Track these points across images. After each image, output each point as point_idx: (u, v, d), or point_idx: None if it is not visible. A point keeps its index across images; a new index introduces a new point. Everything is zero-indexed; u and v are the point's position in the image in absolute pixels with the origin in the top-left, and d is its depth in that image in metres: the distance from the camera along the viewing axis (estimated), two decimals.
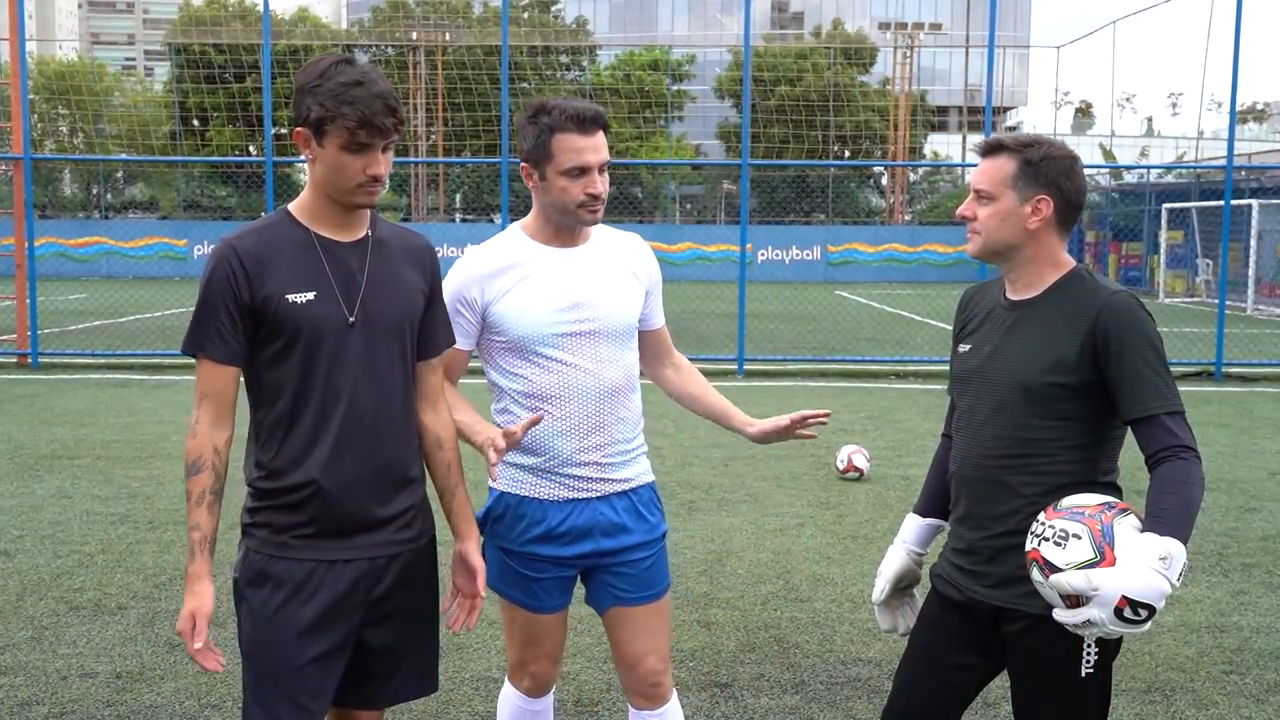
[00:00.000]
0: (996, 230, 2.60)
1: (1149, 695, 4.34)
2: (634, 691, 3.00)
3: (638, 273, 3.00)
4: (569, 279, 2.86)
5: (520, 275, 2.85)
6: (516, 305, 2.82)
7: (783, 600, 5.40)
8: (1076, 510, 2.37)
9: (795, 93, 43.44)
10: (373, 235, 2.55)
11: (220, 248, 2.43)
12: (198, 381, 2.45)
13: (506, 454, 2.73)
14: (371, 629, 2.55)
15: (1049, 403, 2.53)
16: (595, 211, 2.84)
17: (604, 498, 2.90)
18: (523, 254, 2.88)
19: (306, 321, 2.42)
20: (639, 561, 2.94)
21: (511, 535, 2.89)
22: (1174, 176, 34.28)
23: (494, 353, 2.91)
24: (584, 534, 2.88)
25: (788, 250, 36.71)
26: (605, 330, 2.88)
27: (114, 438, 9.13)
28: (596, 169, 2.81)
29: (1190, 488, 2.36)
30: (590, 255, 2.93)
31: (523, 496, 2.88)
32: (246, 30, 41.91)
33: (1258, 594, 5.52)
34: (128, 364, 13.88)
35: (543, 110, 2.81)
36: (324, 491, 2.44)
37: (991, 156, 2.62)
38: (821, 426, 3.03)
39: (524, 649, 2.98)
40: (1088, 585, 2.24)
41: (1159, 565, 2.23)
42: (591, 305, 2.86)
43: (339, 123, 2.34)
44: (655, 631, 2.96)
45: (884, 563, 2.95)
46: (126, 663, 4.50)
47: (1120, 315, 2.48)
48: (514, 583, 2.92)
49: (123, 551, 5.99)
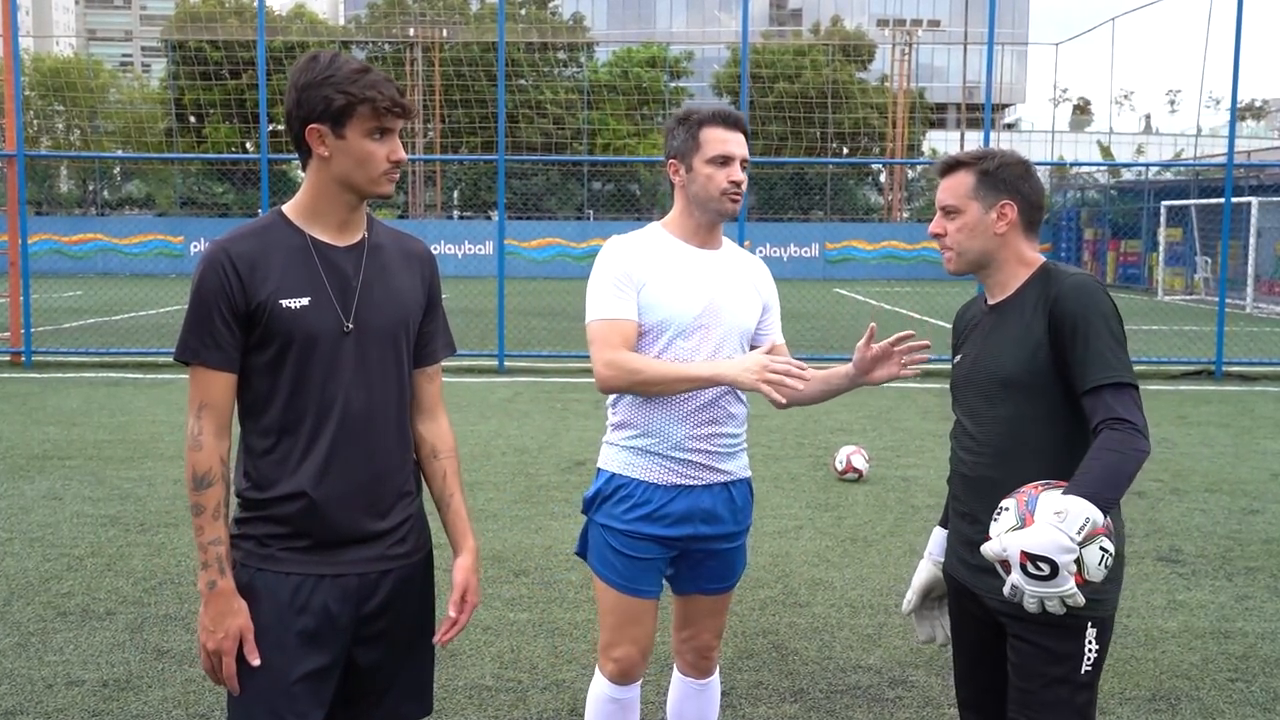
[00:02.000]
0: (968, 241, 2.73)
1: (1154, 704, 4.27)
2: (685, 660, 3.30)
3: (759, 288, 3.22)
4: (705, 276, 3.07)
5: (664, 265, 3.05)
6: (660, 291, 3.02)
7: (781, 605, 5.33)
8: (1019, 490, 2.49)
9: (793, 90, 43.39)
10: (369, 239, 2.47)
11: (212, 250, 2.34)
12: (194, 390, 2.36)
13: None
14: (361, 647, 2.46)
15: (1027, 393, 2.63)
16: (736, 200, 3.05)
17: (707, 487, 3.08)
18: (666, 247, 3.10)
19: (300, 328, 2.34)
20: (726, 553, 3.16)
21: (617, 513, 3.07)
22: (1172, 174, 34.23)
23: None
24: (684, 518, 3.06)
25: (786, 247, 36.66)
26: (728, 328, 3.08)
27: (106, 437, 9.05)
28: (738, 161, 3.04)
29: (1117, 456, 2.40)
30: (723, 260, 3.15)
31: (632, 479, 3.06)
32: (243, 26, 41.79)
33: (1263, 598, 5.44)
34: (122, 362, 13.80)
35: (692, 111, 3.09)
36: (314, 503, 2.36)
37: (950, 174, 2.77)
38: (919, 361, 3.06)
39: (614, 631, 3.12)
40: (1000, 549, 2.37)
41: (1054, 519, 2.32)
42: (720, 304, 3.07)
43: (365, 108, 2.30)
44: (719, 613, 3.27)
45: (914, 575, 3.05)
46: (114, 670, 4.42)
47: (1076, 295, 2.56)
48: (613, 563, 3.08)
49: (113, 555, 5.91)
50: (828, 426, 10.04)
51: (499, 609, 5.18)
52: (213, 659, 2.34)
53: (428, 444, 2.59)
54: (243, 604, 2.34)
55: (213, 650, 2.33)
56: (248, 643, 2.33)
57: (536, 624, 5.02)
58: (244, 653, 2.34)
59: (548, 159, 31.56)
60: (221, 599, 2.33)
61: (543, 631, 4.94)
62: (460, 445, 2.72)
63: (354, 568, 2.41)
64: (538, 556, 5.99)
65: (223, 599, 2.33)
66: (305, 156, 2.39)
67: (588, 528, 3.17)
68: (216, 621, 2.32)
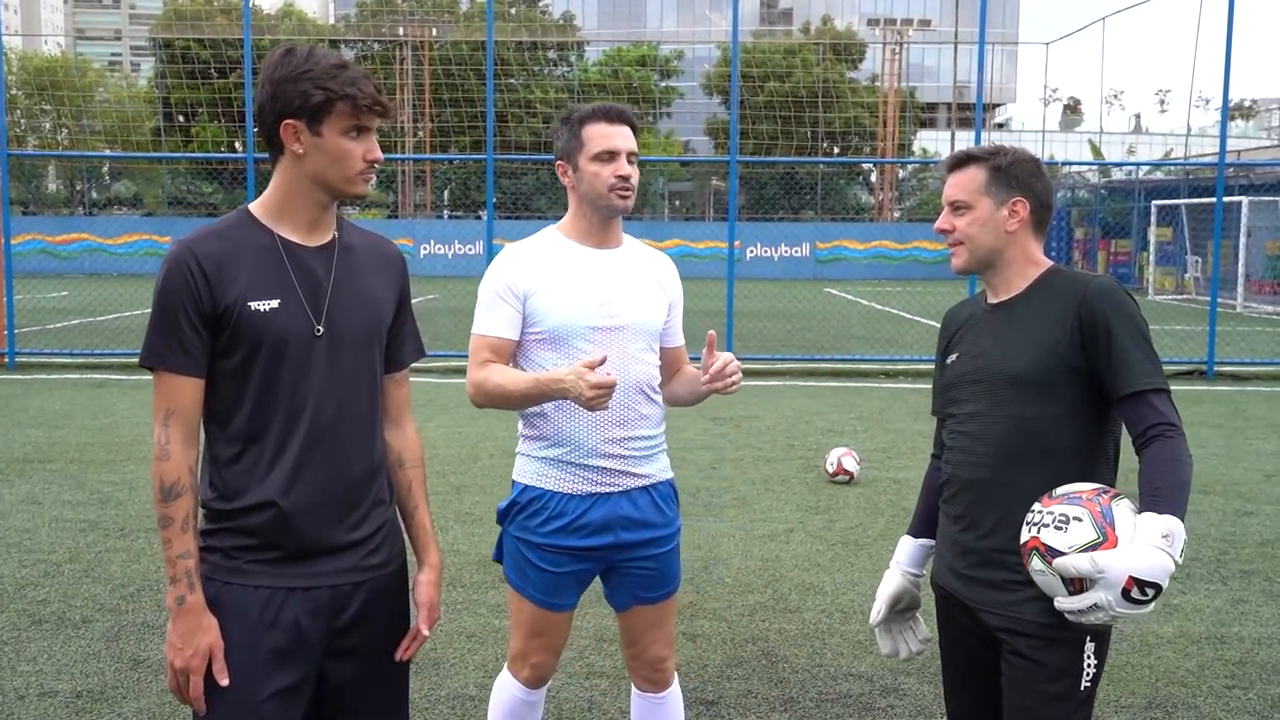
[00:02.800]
0: (978, 237, 2.65)
1: (1149, 711, 4.19)
2: (639, 675, 3.21)
3: (664, 285, 3.15)
4: (603, 277, 3.01)
5: (558, 270, 2.98)
6: (554, 298, 2.95)
7: (771, 611, 5.24)
8: (1073, 495, 2.37)
9: (784, 89, 43.34)
10: (340, 240, 2.38)
11: (176, 251, 2.25)
12: (160, 397, 2.25)
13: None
14: (334, 662, 2.36)
15: (1043, 390, 2.53)
16: (626, 196, 2.99)
17: (625, 492, 3.01)
18: (560, 252, 3.03)
19: (269, 331, 2.24)
20: (658, 558, 3.07)
21: (533, 526, 3.00)
22: (1163, 174, 34.26)
23: (529, 348, 3.01)
24: (604, 527, 2.98)
25: (776, 247, 36.61)
26: (633, 328, 3.01)
27: (89, 440, 8.93)
28: (625, 155, 2.98)
29: (1183, 466, 2.37)
30: (622, 259, 3.08)
31: (546, 490, 2.99)
32: (231, 25, 41.62)
33: (1258, 602, 5.38)
34: (107, 364, 13.68)
35: (575, 110, 3.05)
36: (284, 513, 2.26)
37: (961, 169, 2.68)
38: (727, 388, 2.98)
39: (529, 640, 3.08)
40: (1093, 567, 2.24)
41: (1163, 543, 2.23)
42: (622, 303, 3.00)
43: (344, 104, 2.23)
44: (665, 622, 3.16)
45: (881, 585, 2.94)
46: (88, 680, 4.32)
47: (1105, 298, 2.49)
48: (529, 576, 3.02)
49: (91, 560, 5.80)
50: (818, 428, 9.96)
51: (484, 615, 5.09)
52: (180, 677, 2.24)
53: (394, 452, 2.50)
54: (213, 620, 2.25)
55: (180, 668, 2.23)
56: (217, 661, 2.24)
57: None
58: (212, 671, 2.25)
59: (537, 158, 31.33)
60: (191, 615, 2.23)
61: None
62: (448, 448, 2.64)
63: (326, 580, 2.32)
64: None
65: (192, 615, 2.23)
66: (276, 153, 2.30)
67: (502, 538, 3.11)
68: (185, 639, 2.23)
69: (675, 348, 3.22)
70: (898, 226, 40.18)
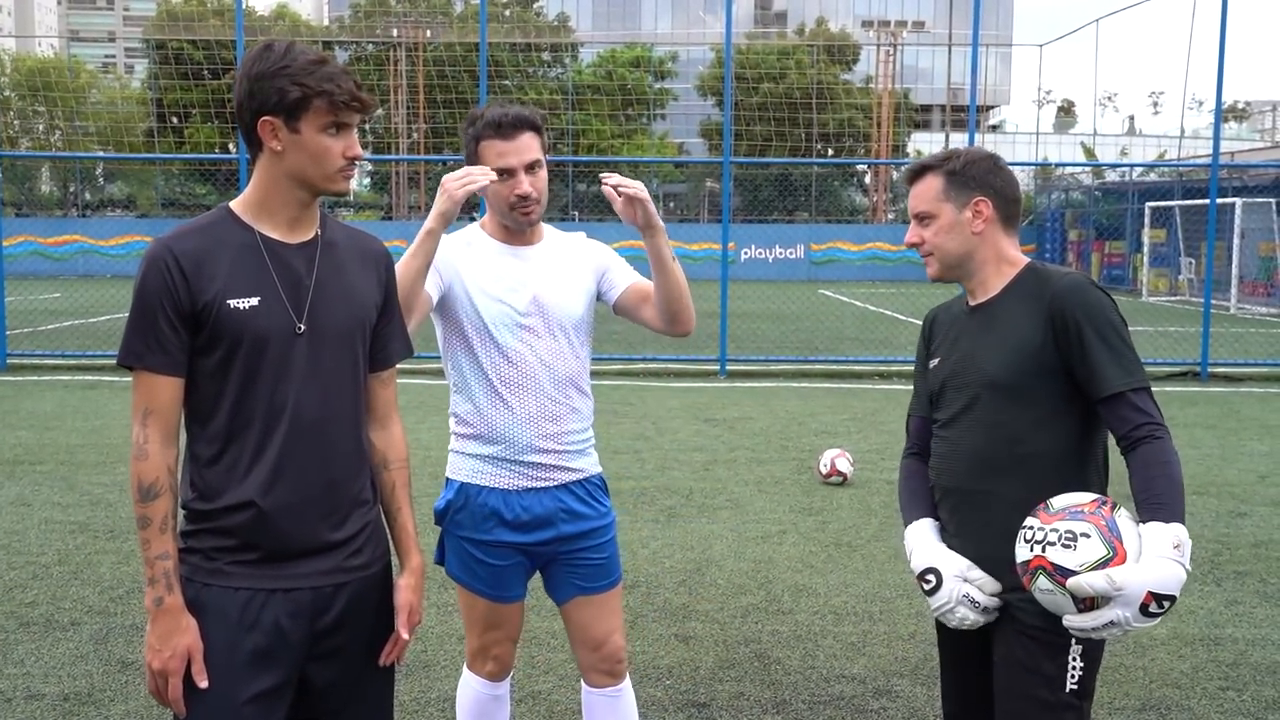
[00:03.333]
0: (946, 244, 2.61)
1: (1144, 713, 4.17)
2: (597, 670, 3.14)
3: (584, 265, 3.11)
4: (524, 274, 2.99)
5: (480, 265, 2.98)
6: (477, 292, 2.95)
7: (764, 612, 5.22)
8: (1074, 509, 2.30)
9: (778, 91, 43.36)
10: (322, 237, 2.35)
11: (155, 249, 2.22)
12: (138, 396, 2.23)
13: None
14: (316, 665, 2.33)
15: (1020, 394, 2.49)
16: (528, 212, 2.94)
17: (562, 485, 3.01)
18: (482, 247, 3.03)
19: (249, 329, 2.22)
20: (599, 547, 3.06)
21: (473, 525, 2.98)
22: (1156, 175, 34.29)
23: (454, 345, 3.01)
24: (545, 521, 2.99)
25: (771, 249, 36.60)
26: (559, 323, 3.00)
27: (80, 442, 8.89)
28: (522, 169, 2.91)
29: (1174, 467, 2.34)
30: (543, 253, 3.06)
31: (482, 486, 2.98)
32: (224, 26, 41.56)
33: (1252, 604, 5.36)
34: (99, 365, 13.61)
35: (471, 121, 2.97)
36: (264, 513, 2.23)
37: (918, 180, 2.66)
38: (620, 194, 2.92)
39: (485, 634, 3.09)
40: (1110, 585, 2.18)
41: (1175, 554, 2.20)
42: (545, 299, 2.98)
43: (322, 101, 2.20)
44: (616, 612, 3.13)
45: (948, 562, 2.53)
46: (76, 683, 4.29)
47: (1073, 296, 2.46)
48: (476, 572, 3.01)
49: (80, 563, 5.77)
50: (812, 429, 9.94)
51: None
52: (159, 679, 2.21)
53: (379, 453, 2.47)
54: (192, 622, 2.22)
55: (159, 670, 2.20)
56: (196, 663, 2.21)
57: None
58: (191, 673, 2.22)
59: None
60: (169, 616, 2.20)
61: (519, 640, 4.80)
62: (440, 449, 2.63)
63: (307, 581, 2.29)
64: None
65: (170, 616, 2.20)
66: (255, 150, 2.27)
67: (444, 538, 3.07)
68: (164, 640, 2.20)
69: (631, 285, 3.12)
70: (892, 228, 40.18)
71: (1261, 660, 4.68)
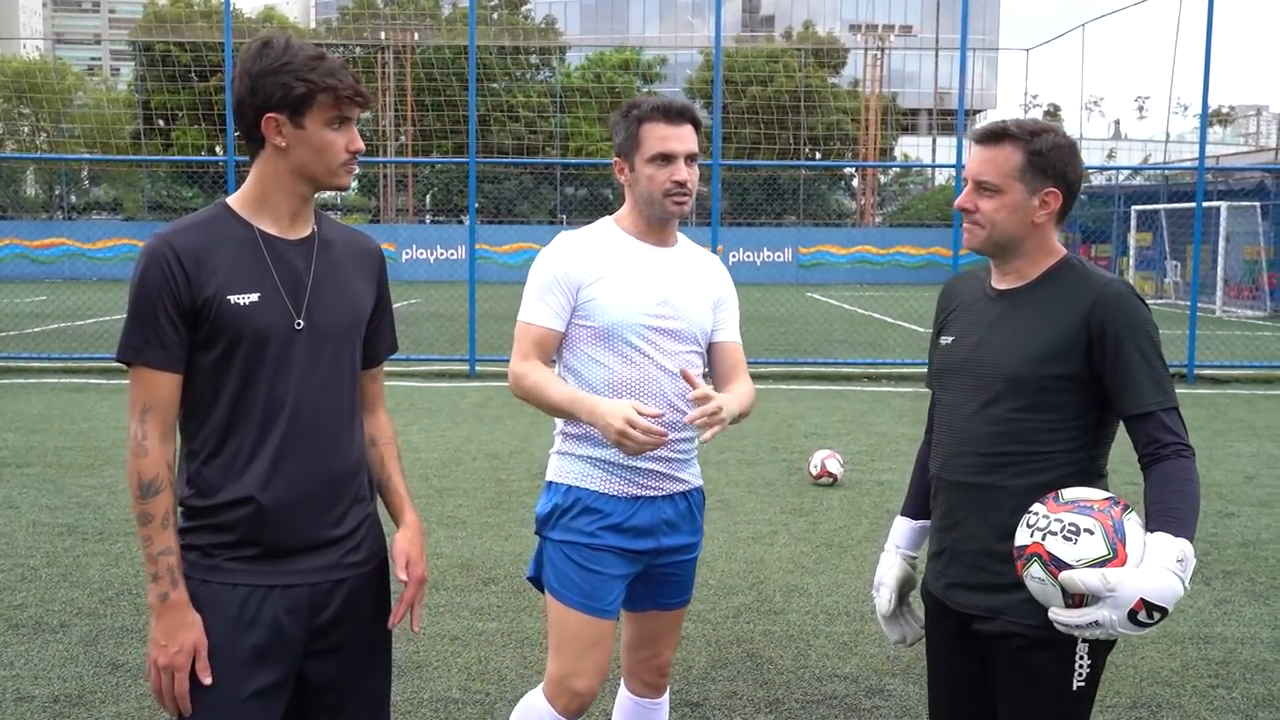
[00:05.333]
0: (1003, 223, 2.46)
1: (1135, 711, 4.19)
2: (642, 679, 3.13)
3: (713, 283, 3.05)
4: (659, 275, 2.91)
5: (614, 264, 2.89)
6: (610, 292, 2.85)
7: (756, 613, 5.23)
8: (1084, 504, 2.26)
9: (766, 94, 43.38)
10: (319, 234, 2.36)
11: (154, 244, 2.21)
12: (136, 392, 2.22)
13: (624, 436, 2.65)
14: (314, 661, 2.33)
15: (1040, 395, 2.41)
16: (681, 202, 2.86)
17: (668, 497, 2.94)
18: (617, 245, 2.94)
19: (249, 325, 2.22)
20: (685, 564, 3.03)
21: (578, 526, 2.88)
22: (1142, 179, 34.44)
23: (578, 341, 2.91)
24: (648, 531, 2.91)
25: (759, 252, 36.63)
26: (686, 330, 2.93)
27: (67, 444, 8.85)
28: (683, 158, 2.84)
29: (1195, 488, 2.29)
30: (678, 258, 2.99)
31: (594, 491, 2.89)
32: (211, 29, 41.40)
33: (1241, 602, 5.39)
34: (85, 367, 13.56)
35: (633, 105, 2.92)
36: (262, 509, 2.23)
37: (995, 145, 2.46)
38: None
39: (578, 659, 2.85)
40: (1104, 585, 2.14)
41: (1175, 567, 2.16)
42: (677, 304, 2.91)
43: (326, 96, 2.21)
44: (678, 628, 3.14)
45: (883, 571, 2.79)
46: (66, 685, 4.27)
47: (1117, 306, 2.37)
48: (576, 583, 2.86)
49: (69, 565, 5.74)
50: (802, 431, 9.95)
51: (467, 618, 5.06)
52: (164, 676, 2.21)
53: (366, 434, 2.48)
54: (197, 617, 2.22)
55: (164, 666, 2.20)
56: (201, 659, 2.21)
57: (506, 634, 4.89)
58: (195, 669, 2.21)
59: (520, 161, 31.33)
60: (174, 612, 2.20)
61: (512, 641, 4.81)
62: (430, 451, 2.62)
63: (306, 577, 2.29)
64: (508, 564, 5.86)
65: (176, 612, 2.20)
66: (256, 147, 2.27)
67: (543, 548, 2.96)
68: (169, 635, 2.19)
69: (729, 343, 3.08)
70: (879, 231, 40.28)
71: (1251, 658, 4.71)
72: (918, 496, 2.80)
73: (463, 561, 5.86)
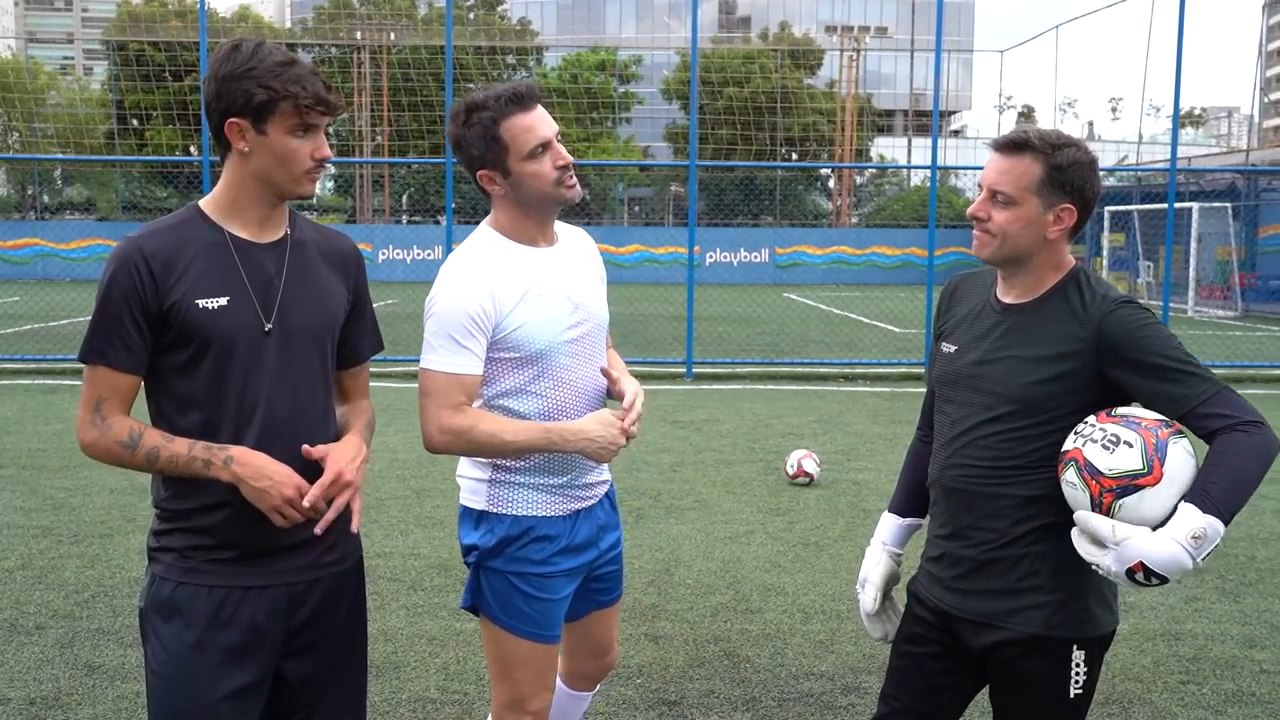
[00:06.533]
0: (1016, 236, 2.42)
1: (1106, 707, 4.24)
2: (588, 677, 3.09)
3: (597, 269, 2.92)
4: (562, 281, 2.73)
5: (524, 284, 2.65)
6: (530, 314, 2.64)
7: (733, 612, 5.25)
8: (1133, 419, 2.25)
9: (743, 95, 43.48)
10: (292, 236, 2.36)
11: (124, 247, 2.21)
12: (91, 388, 2.21)
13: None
14: (291, 660, 2.35)
15: (1047, 413, 2.38)
16: (574, 185, 2.67)
17: (598, 502, 2.87)
18: (516, 260, 2.68)
19: (218, 329, 2.22)
20: (617, 559, 2.97)
21: (529, 555, 2.72)
22: (1115, 180, 34.70)
23: (501, 376, 2.70)
24: (589, 541, 2.83)
25: (736, 252, 36.72)
26: (596, 329, 2.80)
27: (41, 446, 8.79)
28: (555, 138, 2.65)
29: (1245, 461, 2.18)
30: (566, 253, 2.81)
31: (544, 516, 2.74)
32: (185, 28, 41.17)
33: (1211, 599, 5.46)
34: (59, 369, 13.46)
35: (476, 106, 2.63)
36: (237, 512, 2.24)
37: (1014, 155, 2.41)
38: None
39: (530, 684, 2.78)
40: (1111, 535, 2.15)
41: (1190, 544, 2.12)
42: (586, 305, 2.76)
43: (288, 104, 2.20)
44: (618, 621, 3.10)
45: (868, 568, 2.78)
46: (42, 687, 4.25)
47: (1124, 329, 2.33)
48: (525, 612, 2.73)
49: (44, 567, 5.71)
50: (778, 431, 9.99)
51: (445, 618, 5.06)
52: (296, 503, 2.20)
53: (342, 415, 2.47)
54: (264, 458, 2.21)
55: (290, 497, 2.19)
56: (302, 482, 2.22)
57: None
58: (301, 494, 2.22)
59: None
60: (250, 458, 2.19)
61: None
62: (408, 452, 2.63)
63: (282, 578, 2.31)
64: None
65: (250, 457, 2.20)
66: (225, 150, 2.28)
67: (480, 577, 2.77)
68: (260, 475, 2.18)
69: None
70: (855, 232, 40.42)
71: (1221, 655, 4.77)
72: (907, 494, 2.79)
73: (440, 562, 5.87)
